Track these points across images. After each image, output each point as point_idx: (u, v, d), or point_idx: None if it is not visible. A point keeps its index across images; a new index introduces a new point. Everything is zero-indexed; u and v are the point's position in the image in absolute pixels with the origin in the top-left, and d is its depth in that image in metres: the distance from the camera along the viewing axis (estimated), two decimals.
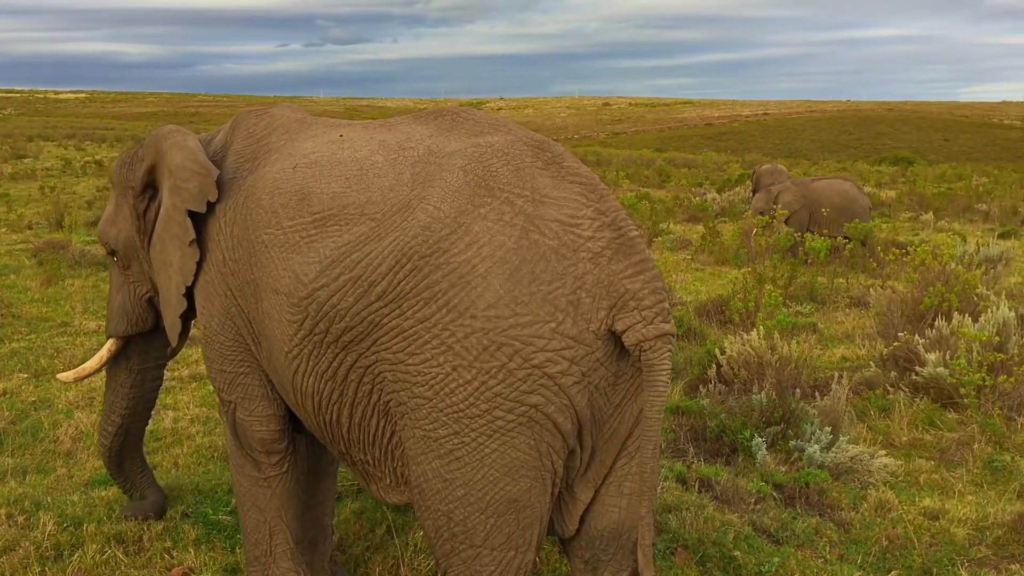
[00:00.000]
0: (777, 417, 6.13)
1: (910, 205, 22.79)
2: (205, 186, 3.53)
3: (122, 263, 4.11)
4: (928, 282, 8.29)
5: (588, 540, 3.20)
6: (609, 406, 2.97)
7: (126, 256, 4.08)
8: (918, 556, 4.63)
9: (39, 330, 8.89)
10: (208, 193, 3.52)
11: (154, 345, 4.36)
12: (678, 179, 31.08)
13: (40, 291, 10.54)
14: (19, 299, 10.10)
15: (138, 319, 4.19)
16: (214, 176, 3.54)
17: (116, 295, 4.21)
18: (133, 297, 4.15)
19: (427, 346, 2.86)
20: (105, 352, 4.28)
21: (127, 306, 4.17)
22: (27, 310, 9.64)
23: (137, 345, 4.32)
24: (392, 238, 2.93)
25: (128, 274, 4.12)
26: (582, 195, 2.94)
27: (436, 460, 2.95)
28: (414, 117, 3.45)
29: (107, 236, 4.11)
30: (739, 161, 40.54)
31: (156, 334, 4.28)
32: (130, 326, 4.20)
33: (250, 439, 3.65)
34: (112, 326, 4.24)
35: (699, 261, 14.15)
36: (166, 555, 4.43)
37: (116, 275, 4.21)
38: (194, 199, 3.53)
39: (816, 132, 71.03)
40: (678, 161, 42.08)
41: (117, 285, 4.21)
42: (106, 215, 4.15)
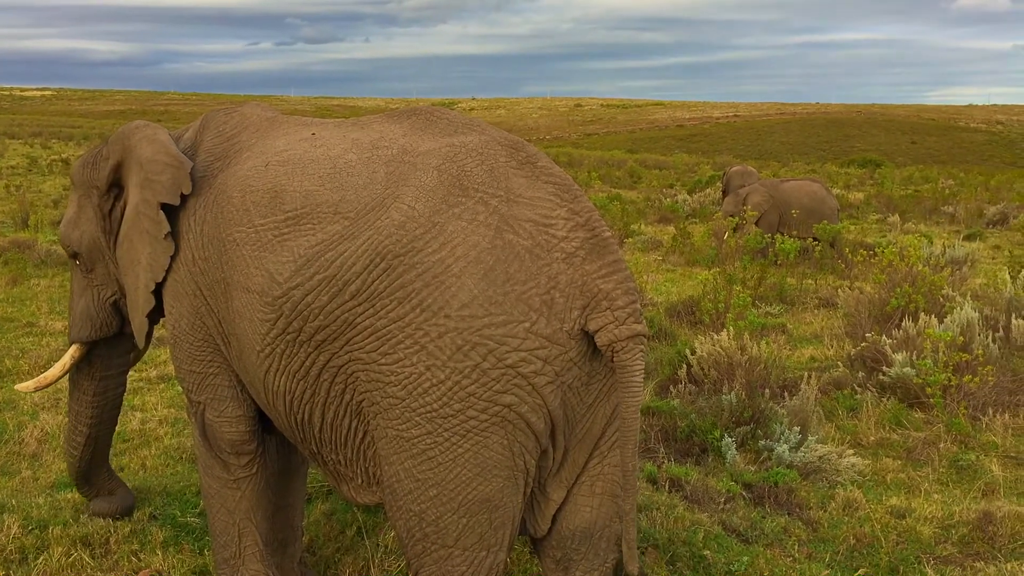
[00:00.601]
0: (747, 417, 6.18)
1: (878, 207, 23.07)
2: (179, 178, 3.48)
3: (85, 266, 4.01)
4: (895, 283, 8.40)
5: (559, 540, 3.20)
6: (582, 406, 2.98)
7: (90, 258, 3.98)
8: (885, 554, 4.68)
9: (4, 331, 8.76)
10: (182, 185, 3.46)
11: (118, 350, 4.27)
12: (649, 180, 31.25)
13: (5, 291, 10.39)
14: None
15: (103, 324, 4.09)
16: (188, 168, 3.49)
17: (78, 300, 4.10)
18: (97, 301, 4.05)
19: (400, 346, 2.85)
20: (68, 359, 4.15)
21: (91, 311, 4.06)
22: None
23: (101, 351, 4.21)
24: (366, 237, 2.92)
25: (91, 277, 4.03)
26: (556, 195, 2.95)
27: (408, 460, 2.94)
28: (387, 116, 3.44)
29: (69, 239, 3.99)
30: (710, 163, 40.83)
31: (120, 339, 4.20)
32: (94, 331, 4.09)
33: (220, 440, 3.61)
34: (75, 332, 4.11)
35: (670, 262, 14.23)
36: (133, 558, 4.38)
37: (78, 279, 4.10)
38: (167, 192, 3.47)
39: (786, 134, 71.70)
40: (649, 162, 42.31)
41: (79, 289, 4.10)
42: (67, 217, 4.03)
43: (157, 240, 3.49)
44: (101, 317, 4.07)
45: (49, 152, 34.21)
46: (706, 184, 26.61)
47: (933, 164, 49.22)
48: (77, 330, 4.10)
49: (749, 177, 16.51)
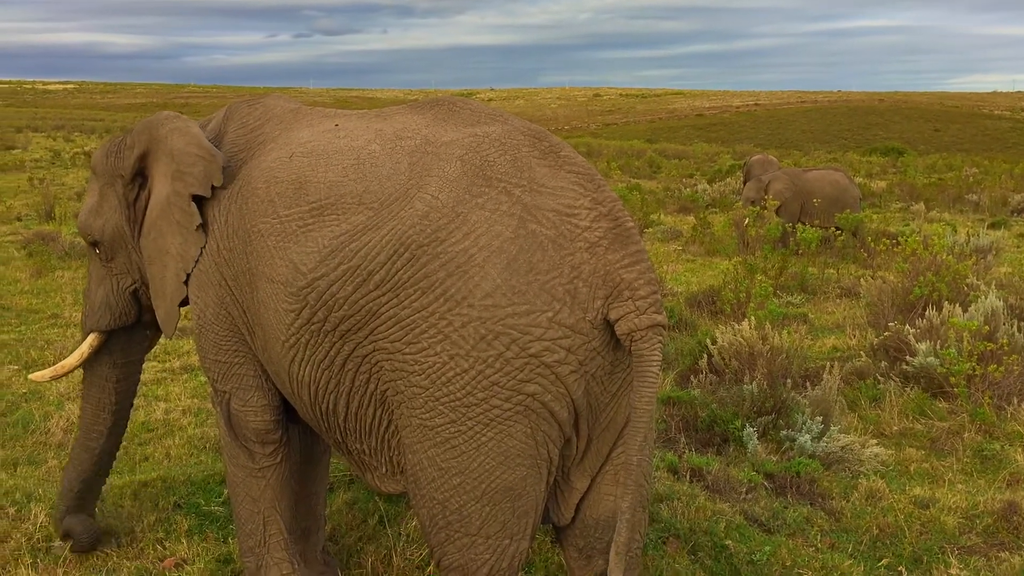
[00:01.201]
0: (768, 407, 6.15)
1: (900, 196, 22.86)
2: (211, 171, 3.48)
3: (106, 255, 4.00)
4: (918, 272, 8.32)
5: (583, 528, 3.21)
6: (606, 395, 2.98)
7: (111, 247, 3.97)
8: (908, 544, 4.65)
9: (29, 322, 8.87)
10: (213, 178, 3.47)
11: (135, 339, 4.26)
12: (669, 170, 31.12)
13: (30, 283, 10.50)
14: (8, 291, 10.07)
15: (122, 312, 4.08)
16: (219, 161, 3.50)
17: (97, 288, 4.09)
18: (116, 290, 4.05)
19: (424, 335, 2.86)
20: (87, 347, 4.13)
21: (110, 299, 4.05)
22: (17, 302, 9.61)
23: (120, 339, 4.19)
24: (390, 227, 2.93)
25: (111, 266, 4.02)
26: (579, 185, 2.94)
27: (432, 449, 2.95)
28: (410, 107, 3.44)
29: (90, 227, 3.98)
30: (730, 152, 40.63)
31: (137, 327, 4.20)
32: (114, 320, 4.08)
33: (245, 429, 3.63)
34: (94, 320, 4.10)
35: (690, 252, 14.18)
36: (158, 546, 4.43)
37: (97, 268, 4.09)
38: (199, 183, 3.48)
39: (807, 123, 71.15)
40: (669, 152, 42.14)
41: (98, 278, 4.09)
42: (88, 206, 4.01)
43: (189, 231, 3.51)
44: (120, 306, 4.07)
45: (72, 145, 34.51)
46: (726, 173, 26.47)
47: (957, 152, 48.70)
48: (96, 319, 4.08)
49: (770, 166, 16.41)
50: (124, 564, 4.25)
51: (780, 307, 8.31)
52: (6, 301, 9.58)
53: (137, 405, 6.42)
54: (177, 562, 4.29)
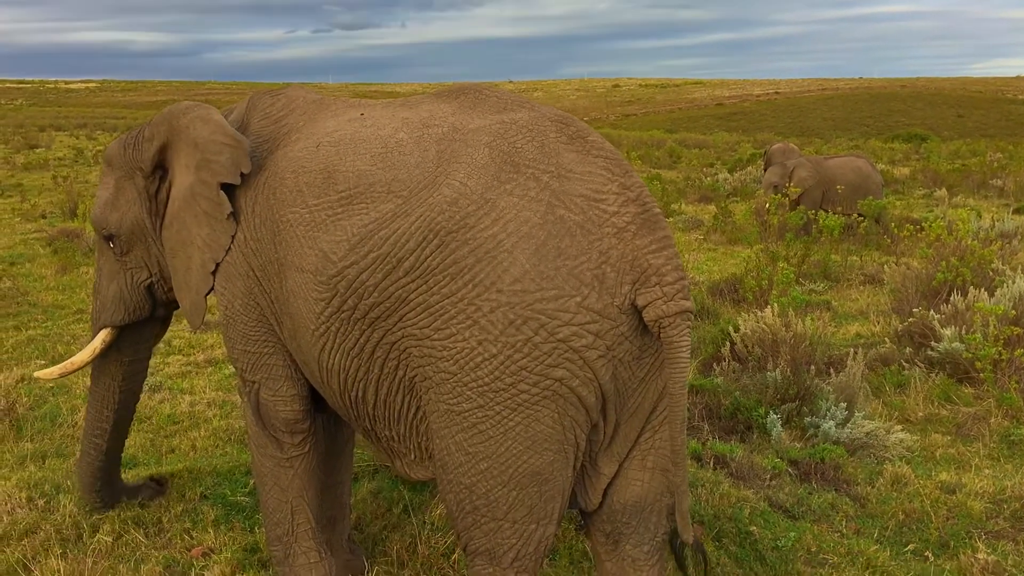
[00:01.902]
0: (792, 394, 6.12)
1: (924, 182, 22.63)
2: (238, 158, 3.47)
3: (121, 248, 3.98)
4: (943, 257, 8.25)
5: (610, 514, 3.21)
6: (634, 380, 2.98)
7: (128, 241, 3.95)
8: (935, 530, 4.63)
9: (55, 317, 8.96)
10: (241, 165, 3.45)
11: (145, 334, 4.26)
12: (689, 160, 30.96)
13: (55, 279, 10.61)
14: (35, 287, 10.18)
15: (136, 307, 4.06)
16: (246, 147, 3.48)
17: (109, 284, 4.07)
18: (131, 284, 4.03)
19: (453, 321, 2.87)
20: (99, 343, 4.10)
21: (124, 294, 4.04)
22: (43, 298, 9.71)
23: (130, 334, 4.18)
24: (419, 214, 2.94)
25: (125, 260, 4.01)
26: (607, 170, 2.94)
27: (460, 434, 2.96)
28: (435, 95, 3.44)
29: (106, 221, 3.94)
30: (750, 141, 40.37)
31: (148, 323, 4.20)
32: (128, 315, 4.07)
33: (274, 419, 3.64)
34: (107, 316, 4.07)
35: (711, 241, 14.12)
36: (186, 536, 4.47)
37: (109, 262, 4.07)
38: (227, 171, 3.46)
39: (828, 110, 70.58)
40: (689, 142, 41.90)
41: (110, 273, 4.07)
42: (103, 199, 3.97)
43: (218, 220, 3.49)
44: (135, 300, 4.05)
45: (95, 143, 34.79)
46: (747, 162, 26.30)
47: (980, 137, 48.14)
48: (109, 314, 4.07)
49: (791, 155, 16.28)
50: (152, 554, 4.29)
51: (803, 294, 8.27)
52: (33, 297, 9.69)
53: (162, 398, 6.51)
54: (205, 551, 4.33)
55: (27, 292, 9.83)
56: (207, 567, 4.17)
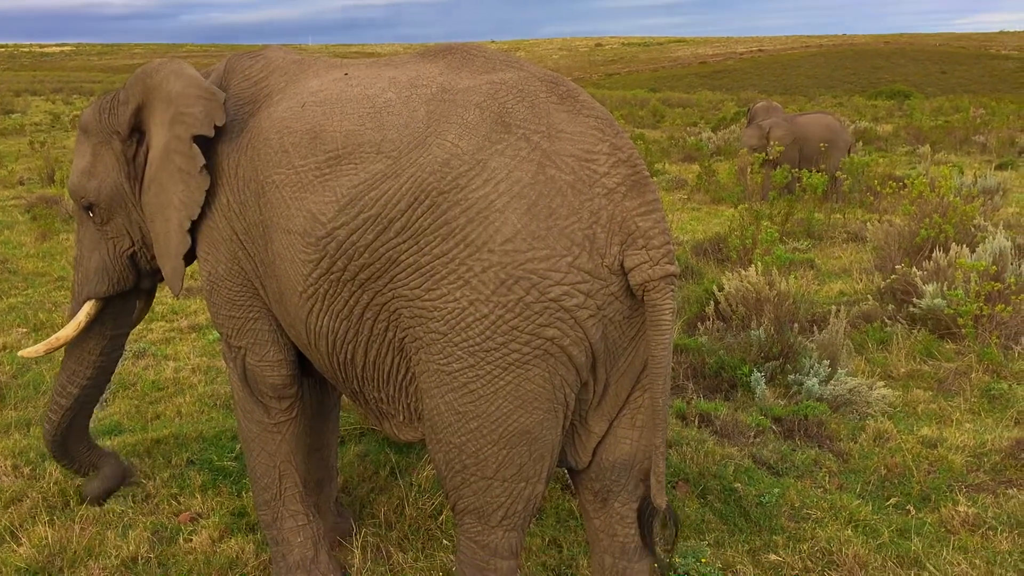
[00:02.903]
0: (775, 352, 6.16)
1: (907, 139, 22.67)
2: (212, 110, 3.38)
3: (101, 217, 3.87)
4: (925, 214, 8.28)
5: (599, 471, 3.23)
6: (624, 339, 2.99)
7: (108, 209, 3.85)
8: (917, 483, 4.69)
9: (36, 285, 8.89)
10: (215, 117, 3.37)
11: (128, 307, 4.17)
12: (673, 119, 30.87)
13: (35, 246, 10.51)
14: (14, 255, 10.08)
15: (120, 277, 3.97)
16: (221, 99, 3.41)
17: (91, 254, 3.96)
18: (113, 254, 3.93)
19: (444, 281, 2.87)
20: (83, 316, 3.99)
21: (106, 264, 3.93)
22: (23, 265, 9.62)
23: (113, 307, 4.09)
24: (409, 175, 2.92)
25: (106, 229, 3.90)
26: (598, 130, 2.93)
27: (450, 393, 2.97)
28: (421, 55, 3.39)
29: (84, 189, 3.82)
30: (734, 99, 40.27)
31: (132, 295, 4.12)
32: (111, 285, 3.97)
33: (261, 385, 3.63)
34: (90, 288, 3.95)
35: (695, 201, 14.12)
36: (173, 501, 4.48)
37: (90, 233, 3.96)
38: (200, 123, 3.38)
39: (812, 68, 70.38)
40: (672, 101, 41.77)
41: (91, 243, 3.96)
42: (80, 167, 3.85)
43: (191, 176, 3.41)
44: (118, 270, 3.95)
45: (71, 108, 34.33)
46: (731, 121, 26.25)
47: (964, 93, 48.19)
48: (93, 286, 3.96)
49: (774, 112, 16.22)
50: (140, 519, 4.30)
51: (786, 253, 8.28)
52: (12, 265, 9.60)
53: (147, 364, 6.50)
54: (192, 516, 4.34)
55: (7, 260, 9.73)
56: (195, 532, 4.19)
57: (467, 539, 3.17)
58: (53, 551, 3.99)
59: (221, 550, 4.04)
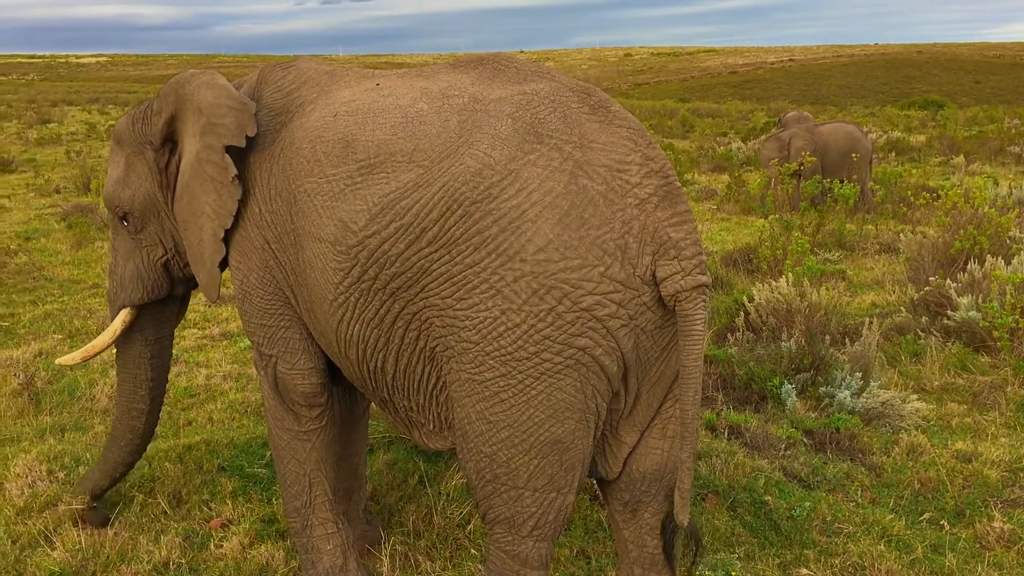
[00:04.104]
0: (806, 364, 6.11)
1: (940, 149, 22.40)
2: (243, 120, 3.42)
3: (135, 226, 3.93)
4: (959, 226, 8.18)
5: (629, 482, 3.22)
6: (656, 348, 2.98)
7: (142, 218, 3.91)
8: (951, 498, 4.62)
9: (71, 292, 9.02)
10: (246, 127, 3.41)
11: (166, 313, 4.22)
12: (702, 129, 30.75)
13: (70, 254, 10.66)
14: (51, 262, 10.23)
15: (154, 285, 4.01)
16: (252, 110, 3.44)
17: (125, 263, 4.02)
18: (147, 262, 3.98)
19: (476, 291, 2.88)
20: (119, 324, 4.03)
21: (141, 272, 3.99)
22: (59, 272, 9.77)
23: (152, 312, 4.14)
24: (441, 184, 2.93)
25: (140, 238, 3.96)
26: (630, 140, 2.94)
27: (481, 403, 2.97)
28: (452, 65, 3.41)
29: (119, 199, 3.87)
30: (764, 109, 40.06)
31: (168, 302, 4.16)
32: (146, 293, 4.01)
33: (292, 393, 3.64)
34: (125, 296, 4.00)
35: (725, 211, 14.04)
36: (205, 507, 4.52)
37: (124, 242, 4.01)
38: (232, 134, 3.41)
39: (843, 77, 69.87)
40: (702, 111, 41.61)
41: (126, 252, 4.01)
42: (114, 177, 3.91)
43: (223, 185, 3.45)
44: (152, 279, 4.00)
45: (107, 118, 34.84)
46: (760, 131, 26.09)
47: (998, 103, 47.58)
48: (128, 294, 4.01)
49: (805, 123, 16.13)
50: (172, 525, 4.34)
51: (818, 264, 8.22)
52: (49, 272, 9.74)
53: (179, 371, 6.56)
54: (223, 522, 4.38)
55: (43, 267, 9.88)
56: (225, 538, 4.22)
57: (497, 549, 3.17)
58: (86, 555, 4.04)
59: (251, 556, 4.07)
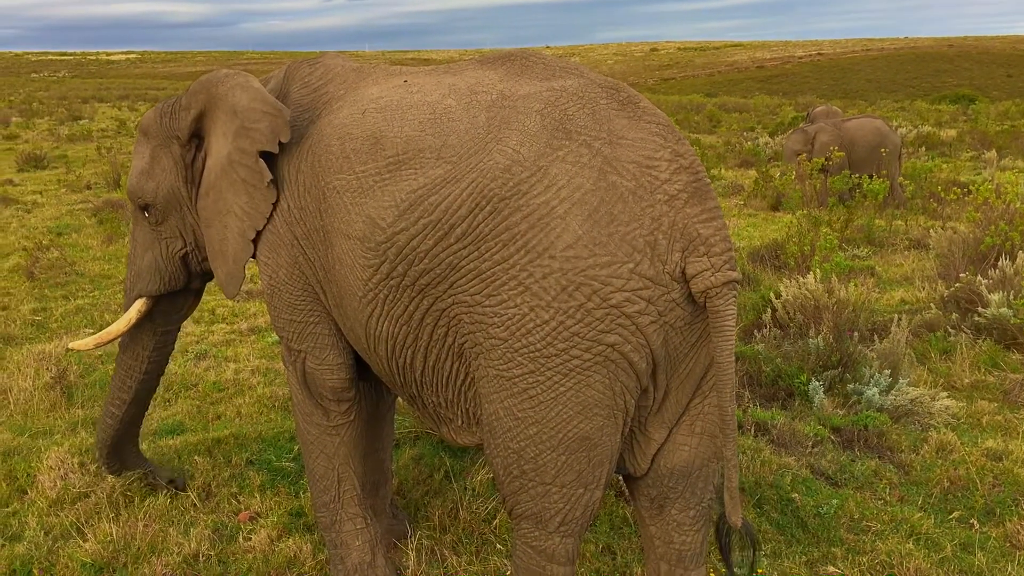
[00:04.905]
0: (834, 361, 6.07)
1: (972, 144, 22.13)
2: (277, 126, 3.44)
3: (157, 218, 3.97)
4: (991, 221, 8.08)
5: (656, 478, 3.22)
6: (685, 345, 2.97)
7: (164, 211, 3.95)
8: (981, 497, 4.58)
9: (102, 287, 9.13)
10: (280, 133, 3.43)
11: (177, 304, 4.27)
12: (729, 124, 30.57)
13: (101, 249, 10.80)
14: (82, 257, 10.37)
15: (171, 277, 4.07)
16: (286, 116, 3.46)
17: (144, 253, 4.07)
18: (166, 254, 4.04)
19: (504, 287, 2.88)
20: (134, 313, 4.09)
21: (159, 264, 4.04)
22: (90, 268, 9.89)
23: (164, 305, 4.20)
24: (470, 180, 2.93)
25: (161, 230, 4.01)
26: (659, 136, 2.93)
27: (509, 399, 2.98)
28: (480, 62, 3.41)
29: (143, 190, 3.91)
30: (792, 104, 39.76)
31: (181, 294, 4.22)
32: (163, 285, 4.08)
33: (321, 388, 3.67)
34: (142, 285, 4.07)
35: (752, 206, 13.96)
36: (233, 500, 4.56)
37: (144, 232, 4.07)
38: (266, 139, 3.44)
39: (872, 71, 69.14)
40: (729, 106, 41.36)
41: (145, 243, 4.07)
42: (139, 169, 3.94)
43: (256, 188, 3.48)
44: (170, 270, 4.06)
45: (136, 115, 35.21)
46: (788, 126, 25.90)
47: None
48: (145, 284, 4.08)
49: (833, 118, 16.00)
50: (201, 518, 4.39)
51: (846, 260, 8.15)
52: (80, 267, 9.87)
53: (208, 366, 6.63)
54: (252, 515, 4.42)
55: (74, 262, 10.01)
56: (254, 531, 4.26)
57: (524, 544, 3.18)
58: (117, 547, 4.09)
59: (279, 549, 4.10)
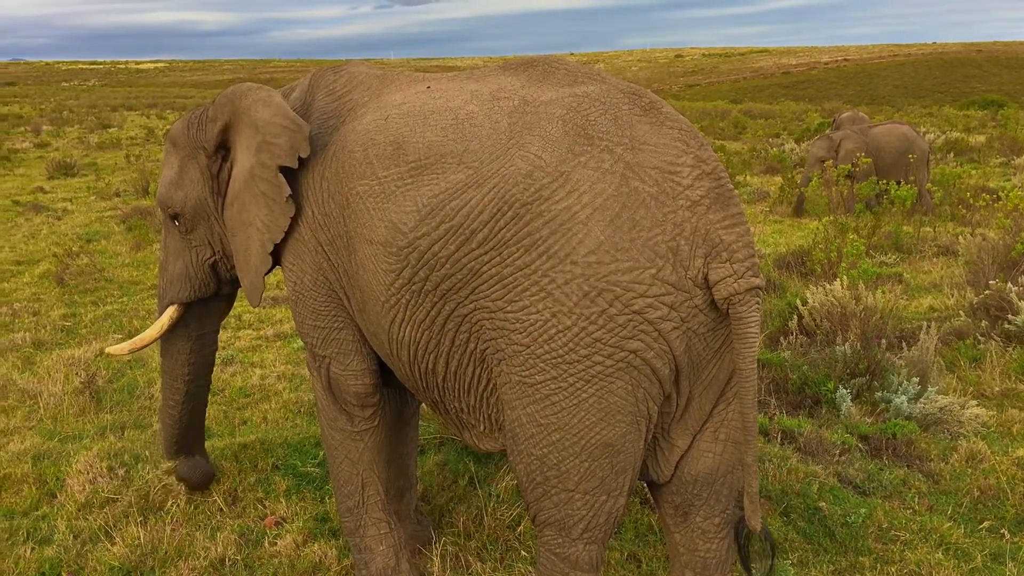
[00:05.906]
0: (862, 368, 6.01)
1: (1001, 150, 21.85)
2: (296, 141, 3.48)
3: (186, 227, 4.04)
4: (1021, 228, 7.99)
5: (680, 485, 3.20)
6: (708, 351, 2.96)
7: (192, 220, 4.02)
8: (1012, 506, 4.51)
9: (131, 293, 9.23)
10: (300, 149, 3.47)
11: (211, 311, 4.34)
12: (755, 130, 30.39)
13: (130, 256, 10.91)
14: (111, 264, 10.49)
15: (201, 284, 4.14)
16: (306, 132, 3.49)
17: (175, 261, 4.15)
18: (196, 262, 4.10)
19: (526, 293, 2.88)
20: (166, 319, 4.18)
21: (189, 271, 4.12)
22: (119, 274, 10.00)
23: (196, 311, 4.24)
24: (491, 185, 2.94)
25: (190, 239, 4.07)
26: (682, 142, 2.92)
27: (532, 405, 2.97)
28: (502, 68, 3.42)
29: (171, 200, 3.99)
30: (818, 110, 39.45)
31: (213, 299, 4.28)
32: (193, 291, 4.15)
33: (345, 393, 3.69)
34: (173, 293, 4.15)
35: (777, 213, 13.87)
36: (259, 505, 4.59)
37: (175, 240, 4.14)
38: (285, 154, 3.48)
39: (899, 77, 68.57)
40: (754, 112, 41.12)
41: (176, 251, 4.14)
42: (168, 178, 4.02)
43: (276, 203, 3.52)
44: (199, 278, 4.13)
45: (165, 123, 35.55)
46: (814, 132, 25.69)
47: None
48: (176, 291, 4.15)
49: (860, 124, 15.87)
50: (227, 522, 4.42)
51: (874, 267, 8.07)
52: (109, 273, 9.98)
53: (234, 371, 6.68)
54: (277, 520, 4.45)
55: (103, 268, 10.12)
56: (280, 536, 4.28)
57: (547, 551, 3.17)
58: (145, 551, 4.13)
59: (304, 554, 4.12)
